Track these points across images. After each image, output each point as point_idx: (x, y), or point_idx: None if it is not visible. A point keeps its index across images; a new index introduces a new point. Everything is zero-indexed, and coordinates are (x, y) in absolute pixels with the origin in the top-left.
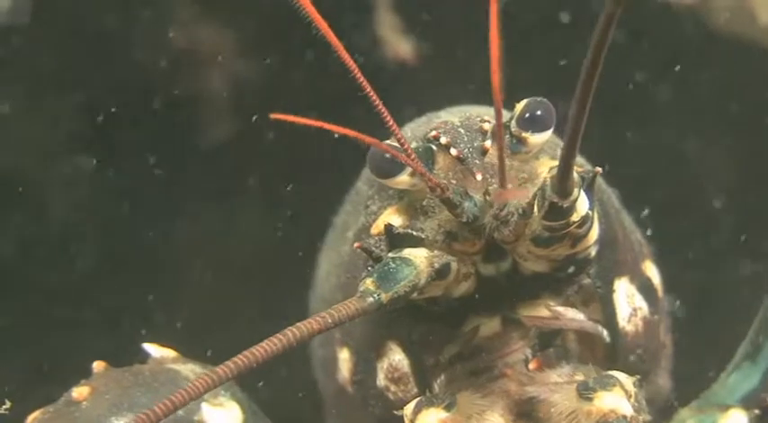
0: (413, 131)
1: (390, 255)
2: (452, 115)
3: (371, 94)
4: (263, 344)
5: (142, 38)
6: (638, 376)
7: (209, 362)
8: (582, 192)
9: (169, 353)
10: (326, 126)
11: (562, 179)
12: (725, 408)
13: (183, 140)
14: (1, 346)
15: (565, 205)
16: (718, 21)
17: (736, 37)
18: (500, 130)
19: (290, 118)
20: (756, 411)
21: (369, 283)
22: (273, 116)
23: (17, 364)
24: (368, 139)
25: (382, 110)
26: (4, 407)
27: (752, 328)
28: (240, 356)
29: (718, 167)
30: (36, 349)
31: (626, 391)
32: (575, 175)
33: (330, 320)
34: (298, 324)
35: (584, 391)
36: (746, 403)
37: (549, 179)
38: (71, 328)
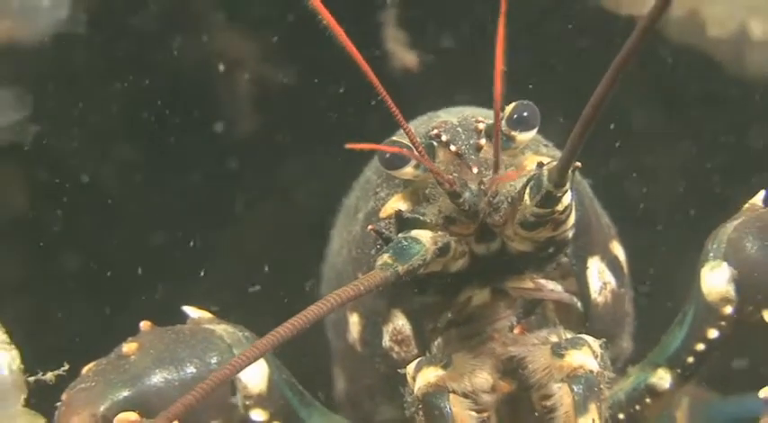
0: (415, 128)
1: (401, 235)
2: (451, 115)
3: (385, 96)
4: (311, 308)
5: (180, 44)
6: (605, 339)
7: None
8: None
9: (205, 314)
10: (358, 146)
11: (561, 173)
12: (656, 366)
13: (214, 133)
14: (65, 310)
15: (558, 194)
16: (673, 32)
17: (687, 47)
18: (497, 130)
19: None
20: (678, 370)
21: (386, 258)
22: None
23: (78, 325)
24: (387, 148)
25: (394, 110)
26: (62, 369)
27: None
28: (291, 321)
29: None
30: (93, 312)
31: (593, 351)
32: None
33: (362, 288)
34: (337, 291)
35: (558, 350)
36: (671, 363)
37: (546, 171)
38: (123, 293)
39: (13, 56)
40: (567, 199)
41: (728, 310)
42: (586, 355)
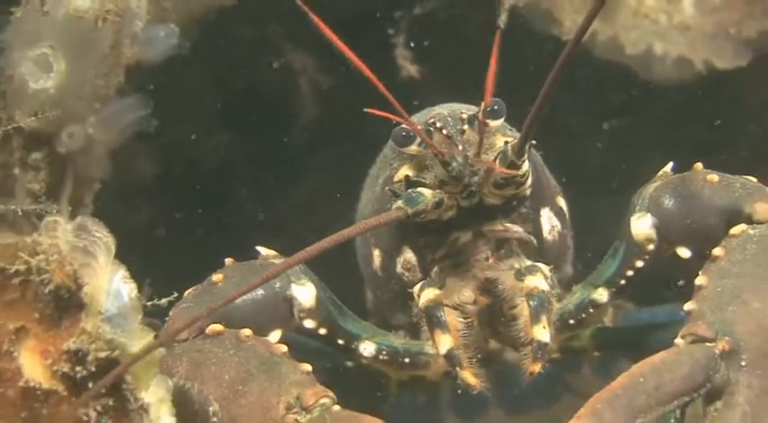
0: (418, 118)
1: (410, 190)
2: (443, 109)
3: (388, 95)
4: (346, 230)
5: (258, 61)
6: (553, 266)
7: None
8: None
9: (270, 252)
10: (379, 113)
11: (520, 148)
12: (596, 286)
13: (283, 124)
14: (174, 253)
15: (519, 163)
16: (600, 51)
17: (610, 62)
18: (483, 122)
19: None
20: (613, 289)
21: (400, 203)
22: (368, 110)
23: (181, 263)
24: (400, 119)
25: (399, 108)
26: (172, 296)
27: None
28: (330, 237)
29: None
30: (193, 252)
31: (545, 275)
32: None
33: (382, 220)
34: (366, 220)
35: (519, 275)
36: (608, 284)
37: (510, 147)
38: (215, 239)
39: (139, 72)
40: (525, 166)
41: (651, 247)
42: (540, 279)
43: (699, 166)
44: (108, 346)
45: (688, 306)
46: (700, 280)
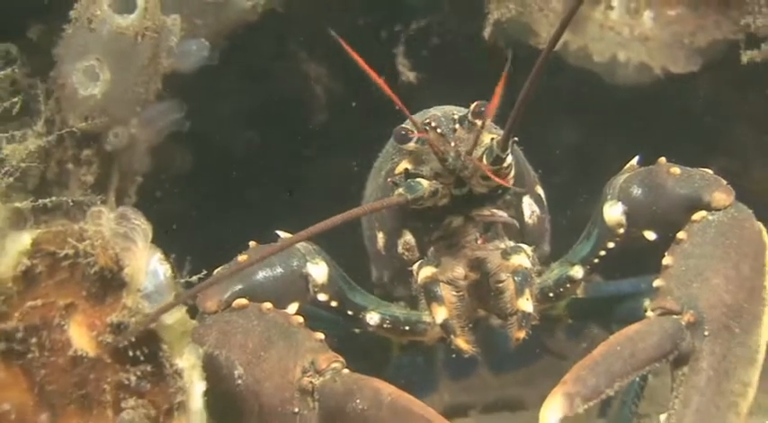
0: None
1: (409, 180)
2: (437, 110)
3: (397, 100)
4: (352, 211)
5: (279, 67)
6: (534, 246)
7: None
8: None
9: (289, 235)
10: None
11: (504, 143)
12: (572, 264)
13: (301, 120)
14: (206, 235)
15: (503, 157)
16: (572, 59)
17: (581, 68)
18: (483, 122)
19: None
20: (587, 267)
21: (401, 190)
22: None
23: (213, 244)
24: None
25: (404, 109)
26: (202, 273)
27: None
28: (339, 216)
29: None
30: (221, 236)
31: (527, 255)
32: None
33: (385, 204)
34: (372, 203)
35: (505, 254)
36: (583, 262)
37: (495, 143)
38: (239, 223)
39: (175, 79)
40: (509, 159)
41: (621, 230)
42: (523, 258)
43: (662, 159)
44: (146, 319)
45: (656, 283)
46: (666, 260)
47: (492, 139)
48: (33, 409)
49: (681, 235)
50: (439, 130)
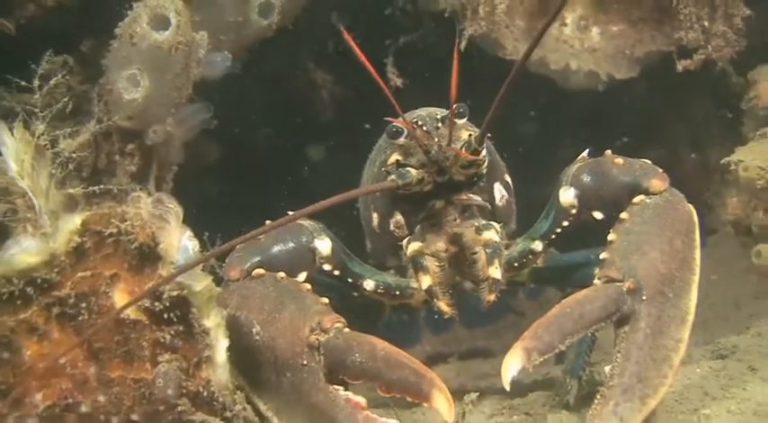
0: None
1: (399, 169)
2: (422, 111)
3: (393, 100)
4: (348, 193)
5: (291, 75)
6: (502, 224)
7: None
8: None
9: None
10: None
11: (480, 138)
12: (533, 239)
13: (309, 120)
14: (232, 215)
15: (479, 149)
16: (533, 67)
17: (540, 74)
18: (452, 119)
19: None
20: (546, 241)
21: (393, 178)
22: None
23: (235, 223)
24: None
25: (397, 108)
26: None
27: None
28: (336, 197)
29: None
30: (244, 215)
31: (497, 231)
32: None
33: (378, 187)
34: (366, 186)
35: (478, 231)
36: (542, 237)
37: (473, 138)
38: (258, 206)
39: (203, 85)
40: (483, 152)
41: (574, 211)
42: (493, 233)
43: (608, 152)
44: (178, 287)
45: (602, 255)
46: (611, 236)
47: (470, 135)
48: (84, 362)
49: (623, 215)
50: (425, 128)
